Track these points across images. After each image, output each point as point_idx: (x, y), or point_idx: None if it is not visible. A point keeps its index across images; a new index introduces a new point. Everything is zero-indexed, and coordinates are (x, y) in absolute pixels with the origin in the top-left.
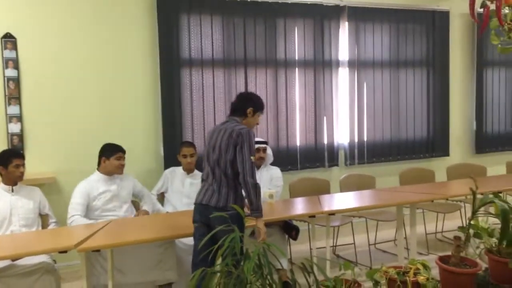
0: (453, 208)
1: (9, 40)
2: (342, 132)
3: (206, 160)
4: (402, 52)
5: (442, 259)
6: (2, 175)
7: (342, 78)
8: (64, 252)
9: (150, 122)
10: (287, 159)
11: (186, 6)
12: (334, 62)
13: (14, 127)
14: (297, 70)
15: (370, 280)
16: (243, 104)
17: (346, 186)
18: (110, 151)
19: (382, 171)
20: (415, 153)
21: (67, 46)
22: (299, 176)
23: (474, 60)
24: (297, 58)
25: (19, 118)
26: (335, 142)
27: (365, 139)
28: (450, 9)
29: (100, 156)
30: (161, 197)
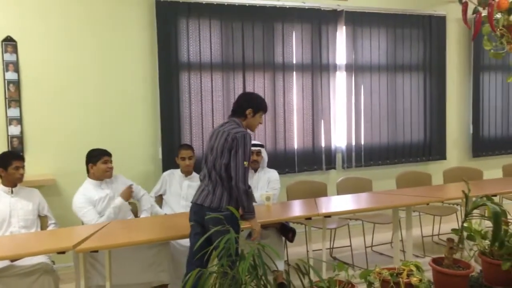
0: (449, 211)
1: (9, 43)
2: (339, 135)
3: (205, 161)
4: (399, 56)
5: (436, 261)
6: (2, 177)
7: (340, 81)
8: (62, 253)
9: (148, 125)
10: (285, 162)
11: (185, 10)
12: (331, 66)
13: (14, 130)
14: (295, 73)
15: (364, 281)
16: (243, 104)
17: (343, 189)
18: (96, 156)
19: (379, 174)
20: (412, 156)
21: (67, 49)
22: (297, 179)
23: (470, 64)
24: (295, 62)
25: (19, 121)
26: (333, 145)
27: (362, 142)
28: (446, 14)
29: (87, 163)
30: (159, 199)
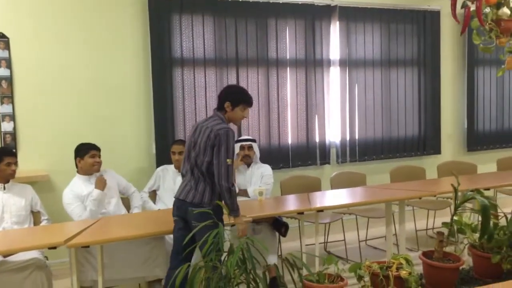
0: (442, 205)
1: (1, 39)
2: (333, 130)
3: (187, 156)
4: (393, 51)
5: (426, 255)
6: None
7: (334, 77)
8: (53, 248)
9: (142, 121)
10: (279, 157)
11: (177, 6)
12: (325, 61)
13: (7, 126)
14: (288, 69)
15: (354, 274)
16: (222, 98)
17: (337, 184)
18: (83, 151)
19: (373, 169)
20: (407, 151)
21: (59, 46)
22: (291, 174)
23: (465, 58)
24: (288, 57)
25: (12, 117)
26: (327, 140)
27: (356, 137)
28: (441, 8)
29: (75, 157)
30: (153, 194)
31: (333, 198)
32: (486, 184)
